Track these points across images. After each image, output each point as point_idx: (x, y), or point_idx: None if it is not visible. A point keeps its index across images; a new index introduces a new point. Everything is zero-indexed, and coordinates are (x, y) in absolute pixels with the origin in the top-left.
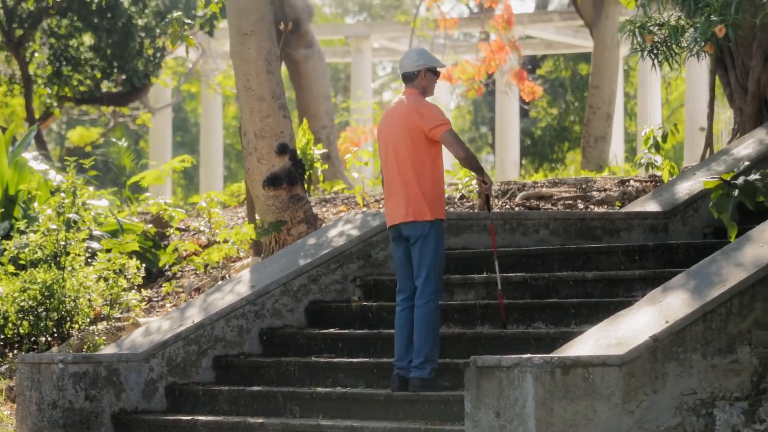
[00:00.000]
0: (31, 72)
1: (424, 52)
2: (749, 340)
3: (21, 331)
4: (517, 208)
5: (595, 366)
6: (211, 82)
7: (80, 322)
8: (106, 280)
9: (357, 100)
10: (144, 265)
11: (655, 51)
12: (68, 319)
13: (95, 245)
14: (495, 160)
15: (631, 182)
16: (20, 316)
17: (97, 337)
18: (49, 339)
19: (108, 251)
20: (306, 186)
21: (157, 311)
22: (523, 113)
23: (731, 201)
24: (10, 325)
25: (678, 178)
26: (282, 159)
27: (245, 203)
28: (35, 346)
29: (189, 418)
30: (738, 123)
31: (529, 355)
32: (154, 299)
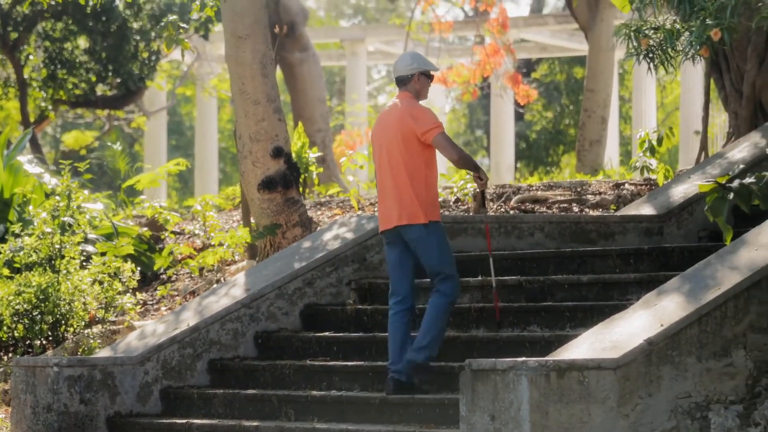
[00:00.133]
0: (26, 75)
1: (418, 55)
2: (744, 343)
3: (16, 334)
4: (512, 212)
5: (590, 369)
6: (206, 86)
7: (75, 326)
8: (101, 283)
9: (352, 104)
10: (139, 268)
11: (650, 54)
12: (63, 322)
13: (90, 248)
14: (490, 163)
15: (626, 185)
16: (15, 319)
17: (92, 341)
18: (44, 342)
19: (103, 254)
20: (301, 189)
21: (152, 314)
22: (518, 116)
23: (726, 204)
24: (5, 328)
25: (673, 182)
26: (277, 162)
27: (240, 206)
28: (30, 350)
29: (184, 421)
30: (733, 126)
31: (524, 359)
32: (149, 302)
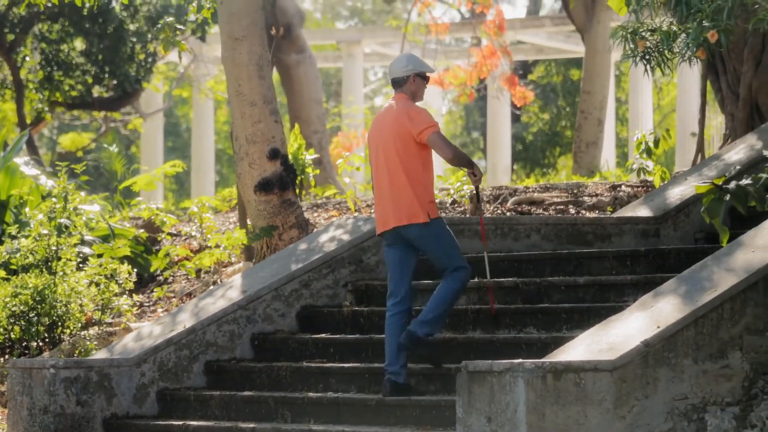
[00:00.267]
0: (22, 77)
1: (413, 57)
2: (740, 345)
3: (12, 336)
4: (508, 213)
5: (587, 371)
6: (203, 87)
7: (72, 327)
8: (97, 285)
9: (348, 105)
10: (135, 270)
11: (647, 56)
12: (60, 324)
13: (86, 250)
14: (486, 165)
15: (623, 187)
16: (11, 321)
17: (88, 342)
18: (41, 344)
19: (99, 256)
20: (297, 191)
21: (149, 316)
22: (515, 118)
23: (723, 206)
24: (1, 330)
25: (669, 184)
26: (273, 164)
27: (237, 208)
28: (26, 351)
29: (180, 423)
30: (729, 128)
31: (520, 360)
32: (146, 304)
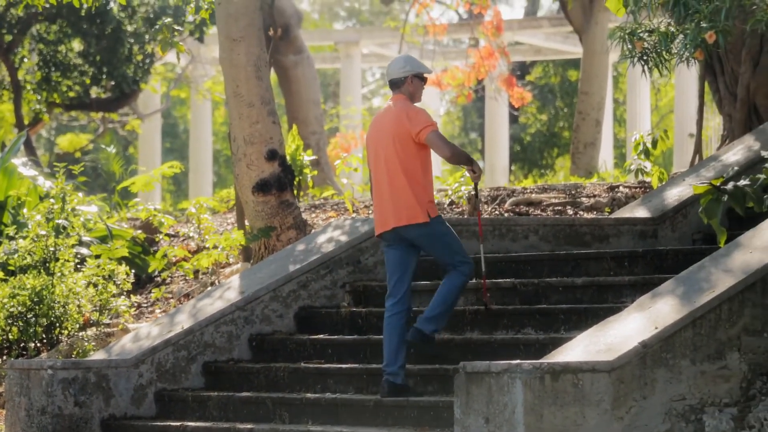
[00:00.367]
0: (20, 78)
1: (411, 58)
2: (738, 346)
3: (10, 336)
4: (506, 214)
5: (585, 372)
6: (201, 88)
7: (69, 328)
8: (95, 285)
9: (346, 106)
10: (133, 270)
11: (644, 57)
12: (57, 324)
13: (84, 251)
14: (484, 166)
15: (621, 188)
16: (9, 321)
17: (86, 343)
18: (39, 345)
19: (97, 257)
20: (295, 192)
21: (147, 317)
22: (513, 119)
23: (721, 207)
24: None
25: (667, 184)
26: (271, 165)
27: (234, 209)
28: (24, 352)
29: (178, 424)
30: (727, 129)
31: (518, 361)
32: (144, 305)
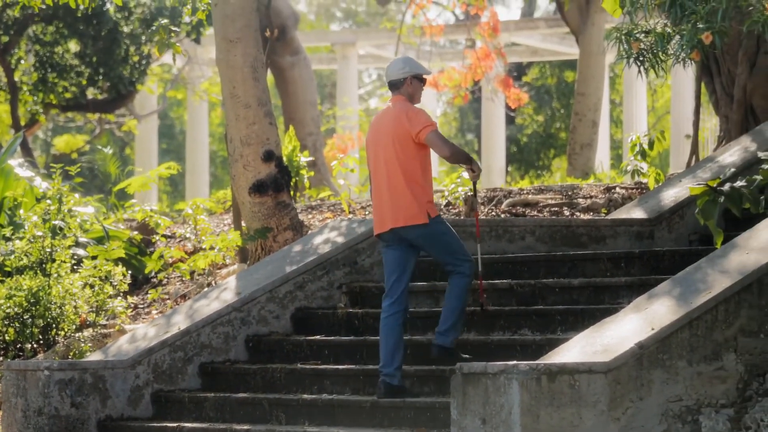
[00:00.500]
0: (16, 79)
1: (410, 59)
2: (735, 347)
3: (7, 338)
4: (503, 215)
5: (581, 373)
6: (197, 89)
7: (66, 329)
8: (92, 287)
9: (343, 107)
10: (130, 272)
11: (641, 58)
12: (54, 326)
13: (81, 252)
14: (481, 166)
15: (617, 189)
16: (6, 323)
17: (82, 344)
18: (35, 346)
19: (94, 258)
20: (292, 193)
21: (143, 318)
22: (509, 120)
23: (717, 208)
24: None
25: (664, 186)
26: (268, 166)
27: (231, 210)
28: (21, 353)
29: (175, 425)
30: (724, 130)
31: (515, 362)
32: (140, 306)
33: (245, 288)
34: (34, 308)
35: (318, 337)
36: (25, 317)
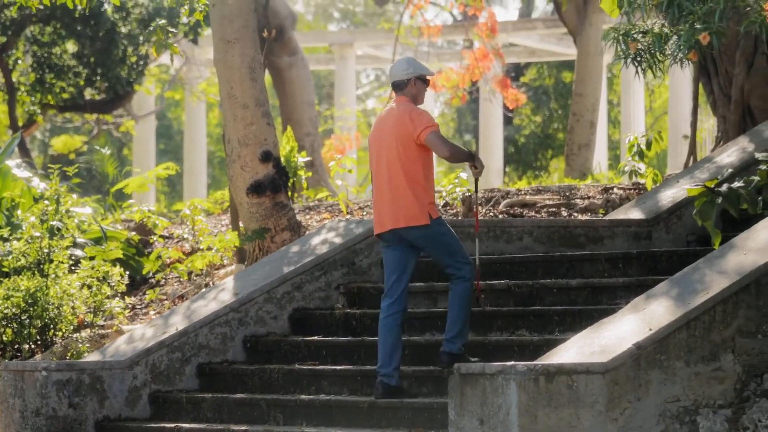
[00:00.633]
0: (14, 79)
1: (413, 60)
2: (732, 347)
3: (4, 338)
4: (500, 216)
5: (579, 373)
6: (195, 90)
7: (64, 330)
8: (89, 287)
9: (341, 108)
10: (127, 272)
11: (638, 59)
12: (52, 326)
13: (79, 253)
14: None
15: (615, 190)
16: (3, 323)
17: (80, 345)
18: (33, 346)
19: (91, 259)
20: (290, 193)
21: (141, 319)
22: (507, 121)
23: (715, 208)
24: None
25: (661, 186)
26: (266, 166)
27: (229, 211)
28: (18, 354)
29: (173, 425)
30: (721, 131)
31: (512, 363)
32: (138, 307)
33: (243, 288)
34: (31, 309)
35: (316, 337)
36: (22, 318)
